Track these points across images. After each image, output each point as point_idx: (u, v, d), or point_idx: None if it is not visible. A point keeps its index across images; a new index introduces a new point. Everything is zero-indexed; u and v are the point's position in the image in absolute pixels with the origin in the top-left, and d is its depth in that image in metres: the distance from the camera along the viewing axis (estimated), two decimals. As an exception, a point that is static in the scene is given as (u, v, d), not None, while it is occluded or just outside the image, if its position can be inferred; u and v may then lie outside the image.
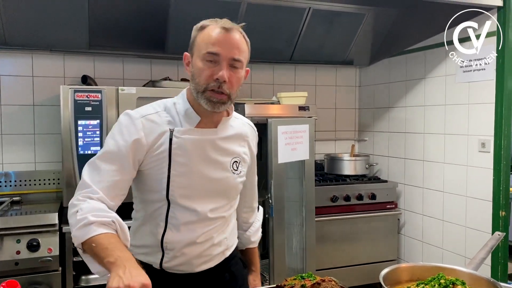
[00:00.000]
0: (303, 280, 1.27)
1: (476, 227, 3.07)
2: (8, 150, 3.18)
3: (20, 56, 3.18)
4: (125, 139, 1.25)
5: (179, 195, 1.29)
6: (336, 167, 3.85)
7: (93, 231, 1.09)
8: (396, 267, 1.36)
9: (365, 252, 3.59)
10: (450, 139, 3.28)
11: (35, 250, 2.53)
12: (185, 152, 1.29)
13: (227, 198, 1.41)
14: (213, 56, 1.22)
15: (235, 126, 1.43)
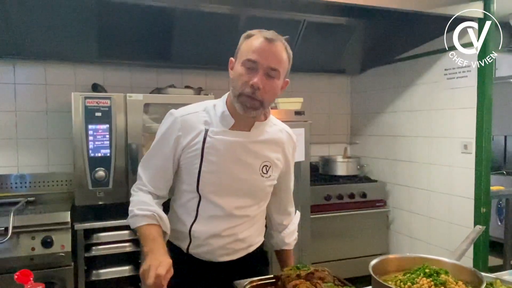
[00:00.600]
0: (299, 271, 1.29)
1: (459, 223, 3.09)
2: (23, 154, 3.19)
3: (33, 65, 3.20)
4: (168, 137, 1.35)
5: (208, 190, 1.34)
6: (329, 168, 3.87)
7: (138, 222, 1.31)
8: (384, 258, 1.36)
9: (357, 247, 3.61)
10: (435, 142, 3.30)
11: (49, 247, 2.54)
12: (216, 152, 1.32)
13: (254, 198, 1.43)
14: (251, 63, 1.23)
15: (270, 132, 1.42)
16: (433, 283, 1.18)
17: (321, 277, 1.25)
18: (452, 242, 3.16)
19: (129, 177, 2.72)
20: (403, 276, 1.27)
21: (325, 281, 1.25)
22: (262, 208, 1.49)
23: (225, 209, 1.36)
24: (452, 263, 1.31)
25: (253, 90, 1.23)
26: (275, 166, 1.43)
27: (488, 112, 2.89)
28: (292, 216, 1.70)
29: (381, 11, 2.69)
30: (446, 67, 3.16)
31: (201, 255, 1.40)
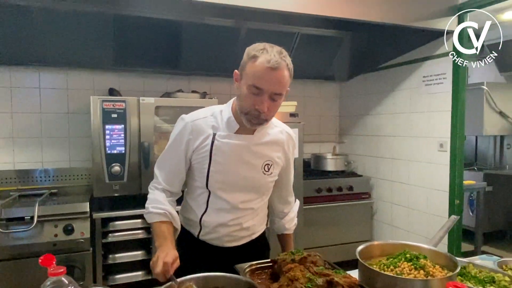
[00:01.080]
0: (293, 255, 1.28)
1: (435, 213, 3.09)
2: (47, 151, 3.18)
3: (56, 72, 3.19)
4: (180, 140, 1.36)
5: (217, 187, 1.37)
6: (320, 164, 3.86)
7: (152, 219, 1.34)
8: (369, 244, 1.37)
9: (344, 234, 3.61)
10: (414, 141, 3.30)
11: (70, 234, 2.53)
12: (223, 154, 1.33)
13: (257, 193, 1.45)
14: (257, 89, 1.20)
15: (271, 134, 1.41)
16: (413, 266, 1.18)
17: (313, 261, 1.24)
18: (429, 230, 3.17)
19: (142, 172, 2.72)
20: (386, 261, 1.27)
21: (316, 264, 1.24)
22: (264, 201, 1.51)
23: (231, 203, 1.39)
24: (430, 249, 1.31)
25: (258, 113, 1.23)
26: (276, 164, 1.43)
27: (462, 114, 2.89)
28: (292, 204, 1.71)
29: (367, 24, 2.68)
30: (424, 75, 3.15)
31: (210, 241, 1.44)
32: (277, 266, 1.26)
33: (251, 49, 1.25)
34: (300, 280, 1.06)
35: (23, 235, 2.47)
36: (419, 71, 3.21)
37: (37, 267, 2.44)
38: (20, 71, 3.08)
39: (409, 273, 1.15)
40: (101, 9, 2.69)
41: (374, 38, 3.33)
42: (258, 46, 1.24)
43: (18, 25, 2.67)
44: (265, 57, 1.18)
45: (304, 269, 1.13)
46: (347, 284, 1.11)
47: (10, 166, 3.09)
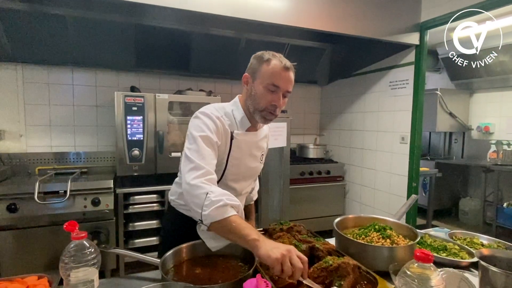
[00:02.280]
0: (281, 225, 1.24)
1: (396, 193, 3.08)
2: (79, 137, 3.10)
3: (87, 71, 3.09)
4: (212, 132, 1.13)
5: (230, 179, 1.24)
6: (304, 152, 3.82)
7: (229, 212, 0.97)
8: (344, 217, 1.34)
9: (322, 209, 3.59)
10: (380, 135, 3.27)
11: (97, 205, 2.48)
12: (239, 150, 1.22)
13: (253, 179, 1.40)
14: (275, 87, 1.14)
15: (264, 129, 1.37)
16: (381, 236, 1.15)
17: (298, 230, 1.21)
18: (390, 207, 3.16)
19: (157, 155, 2.66)
20: (358, 231, 1.23)
21: (301, 233, 1.20)
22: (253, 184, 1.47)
23: (238, 191, 1.29)
24: (394, 221, 1.28)
25: (274, 108, 1.16)
26: (265, 152, 1.41)
27: (420, 113, 2.86)
28: (256, 181, 1.61)
29: (345, 37, 2.62)
30: (390, 80, 3.11)
31: None
32: (267, 234, 1.22)
33: (260, 55, 1.19)
34: None
35: (58, 206, 2.41)
36: (386, 77, 3.17)
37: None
38: (56, 70, 2.98)
39: (377, 241, 1.12)
40: (125, 19, 2.60)
41: (350, 50, 3.28)
42: (266, 53, 1.18)
43: (54, 31, 2.58)
44: (279, 59, 1.15)
45: (291, 237, 1.09)
46: (325, 249, 1.07)
47: (48, 149, 3.01)
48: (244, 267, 1.03)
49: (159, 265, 0.94)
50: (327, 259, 0.97)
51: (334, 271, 0.93)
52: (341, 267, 0.93)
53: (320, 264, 0.97)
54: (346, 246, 1.14)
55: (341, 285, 0.90)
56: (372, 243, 1.12)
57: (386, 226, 1.18)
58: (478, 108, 4.52)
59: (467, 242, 1.40)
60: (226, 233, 0.97)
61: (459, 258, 1.20)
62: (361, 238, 1.16)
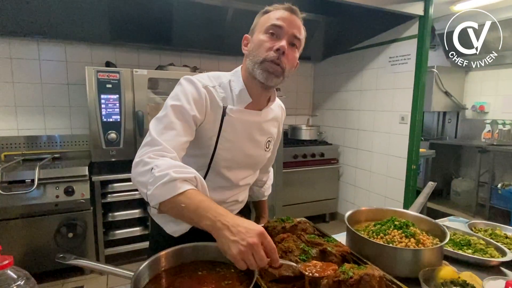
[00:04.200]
0: (283, 223, 1.04)
1: (394, 176, 2.94)
2: (49, 119, 2.79)
3: (55, 44, 2.74)
4: (190, 103, 0.90)
5: (221, 166, 1.01)
6: (296, 134, 3.62)
7: (178, 188, 0.74)
8: (356, 210, 1.14)
9: (315, 193, 3.43)
10: (378, 114, 3.09)
11: (71, 195, 2.24)
12: (233, 130, 0.98)
13: (254, 169, 1.14)
14: (276, 28, 0.89)
15: (274, 109, 1.10)
16: (404, 234, 0.95)
17: (303, 228, 1.01)
18: (387, 190, 3.03)
19: (137, 138, 2.40)
20: (374, 227, 1.04)
21: (307, 232, 1.01)
22: (257, 175, 1.21)
23: (233, 181, 1.06)
24: (416, 215, 1.10)
25: (278, 55, 0.90)
26: (273, 139, 1.14)
27: (422, 91, 2.68)
28: (270, 173, 1.41)
29: (341, 8, 2.37)
30: (390, 55, 2.89)
31: None
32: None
33: (262, 10, 0.98)
34: (295, 252, 0.82)
35: (27, 196, 2.15)
36: (386, 52, 2.95)
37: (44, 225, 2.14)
38: (19, 42, 2.62)
39: (400, 241, 0.93)
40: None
41: (347, 22, 3.02)
42: (269, 7, 0.97)
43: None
44: (279, 5, 0.94)
45: (297, 239, 0.89)
46: (339, 253, 0.88)
47: (14, 132, 2.69)
48: (244, 277, 0.83)
49: (131, 285, 0.72)
50: (345, 269, 0.77)
51: (355, 285, 0.73)
52: (364, 280, 0.74)
53: (336, 274, 0.77)
54: (360, 246, 0.95)
55: (364, 303, 0.71)
56: (393, 244, 0.93)
57: (408, 222, 0.99)
58: (474, 87, 4.39)
59: (488, 234, 1.24)
60: (179, 216, 0.76)
61: (488, 256, 1.03)
62: (379, 237, 0.97)
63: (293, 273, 0.77)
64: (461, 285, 0.80)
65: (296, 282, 0.77)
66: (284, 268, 0.79)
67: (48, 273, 2.32)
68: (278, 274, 0.78)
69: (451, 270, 0.85)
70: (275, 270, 0.79)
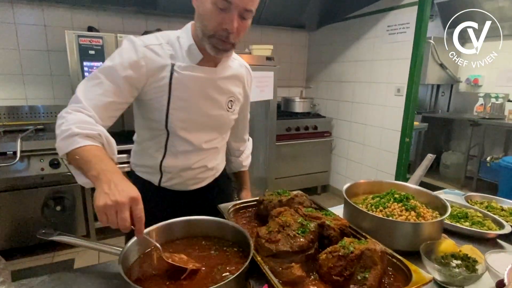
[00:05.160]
0: (280, 196, 1.00)
1: (387, 149, 2.93)
2: (30, 88, 2.64)
3: (31, 7, 2.53)
4: (124, 63, 0.86)
5: (178, 127, 0.96)
6: (290, 106, 3.54)
7: (77, 143, 0.75)
8: (354, 183, 1.10)
9: (308, 166, 3.43)
10: (373, 86, 3.02)
11: (56, 167, 2.16)
12: (185, 88, 0.93)
13: (220, 132, 1.08)
14: (225, 3, 0.81)
15: (233, 67, 1.04)
16: (404, 207, 0.92)
17: (300, 202, 0.97)
18: (379, 163, 3.03)
19: (124, 110, 2.29)
20: (372, 200, 1.00)
21: (304, 205, 0.97)
22: (226, 139, 1.15)
23: (195, 144, 1.01)
24: (416, 188, 1.06)
25: (226, 34, 0.85)
26: (238, 100, 1.08)
27: (420, 62, 2.60)
28: (247, 142, 1.35)
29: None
30: (389, 24, 2.78)
31: (173, 186, 1.05)
32: (263, 207, 0.98)
33: None
34: (292, 227, 0.78)
35: (10, 169, 2.06)
36: (384, 20, 2.83)
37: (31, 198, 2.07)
38: (-9, 4, 2.41)
39: (400, 215, 0.91)
40: None
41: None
42: None
43: None
44: None
45: (295, 213, 0.85)
46: (337, 227, 0.84)
47: (-8, 102, 2.54)
48: (240, 254, 0.80)
49: (119, 261, 0.67)
50: (345, 243, 0.74)
51: (356, 260, 0.70)
52: (365, 255, 0.70)
53: (336, 248, 0.74)
54: (359, 220, 0.92)
55: (365, 278, 0.68)
56: (393, 217, 0.90)
57: (408, 194, 0.96)
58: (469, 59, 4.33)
59: (484, 206, 1.23)
60: (78, 168, 0.77)
61: (486, 228, 1.02)
62: (378, 210, 0.94)
63: (291, 248, 0.74)
64: (462, 258, 0.78)
65: (295, 257, 0.73)
66: (281, 243, 0.75)
67: (39, 246, 2.28)
68: (276, 250, 0.74)
69: (451, 244, 0.83)
70: (272, 245, 0.75)
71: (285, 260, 0.74)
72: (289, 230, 0.77)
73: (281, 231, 0.78)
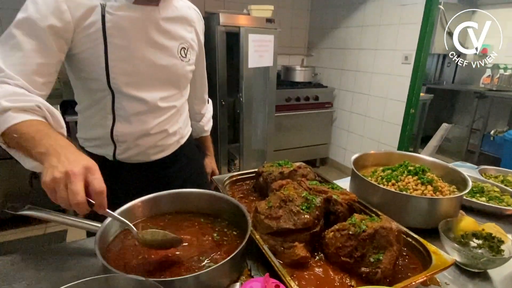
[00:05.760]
0: (281, 167, 0.90)
1: (390, 121, 2.82)
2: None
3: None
4: (41, 11, 0.69)
5: (123, 83, 0.80)
6: (290, 75, 3.37)
7: (12, 118, 0.62)
8: (363, 153, 1.01)
9: (307, 138, 3.33)
10: (379, 54, 2.85)
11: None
12: (123, 33, 0.77)
13: (177, 87, 0.91)
14: None
15: (179, 8, 0.88)
16: (419, 181, 0.83)
17: (304, 174, 0.87)
18: (381, 136, 2.94)
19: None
20: (383, 173, 0.91)
21: (308, 178, 0.87)
22: (185, 97, 0.99)
23: (149, 102, 0.85)
24: (431, 160, 0.97)
25: None
26: (192, 48, 0.93)
27: (431, 27, 2.43)
28: (207, 103, 1.20)
29: None
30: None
31: (131, 158, 0.89)
32: (262, 180, 0.88)
33: None
34: (296, 202, 0.68)
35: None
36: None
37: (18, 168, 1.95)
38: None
39: (415, 189, 0.81)
40: None
41: None
42: None
43: None
44: None
45: (298, 186, 0.76)
46: (345, 202, 0.75)
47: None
48: (236, 232, 0.71)
49: (95, 241, 0.58)
50: (356, 220, 0.65)
51: (369, 240, 0.62)
52: (379, 234, 0.62)
53: (345, 226, 0.65)
54: (368, 194, 0.83)
55: (379, 261, 0.60)
56: (407, 191, 0.81)
57: (424, 167, 0.86)
58: (479, 27, 4.11)
59: (500, 181, 1.14)
60: (21, 150, 0.64)
61: (504, 204, 0.94)
62: (390, 184, 0.85)
63: (294, 225, 0.65)
64: (485, 238, 0.70)
65: (298, 236, 0.65)
66: (283, 219, 0.66)
67: (28, 217, 2.21)
68: (277, 227, 0.65)
69: (472, 221, 0.75)
70: (273, 221, 0.66)
71: (287, 239, 0.65)
72: (292, 205, 0.68)
73: (283, 207, 0.68)
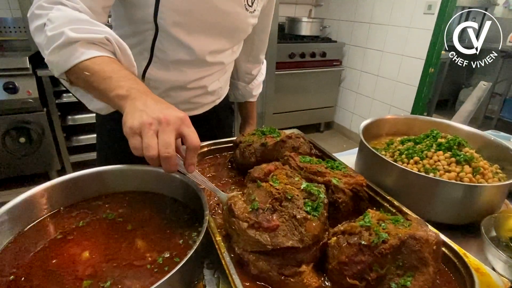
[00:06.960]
0: (264, 137, 0.66)
1: (405, 82, 2.53)
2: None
3: None
4: None
5: (171, 21, 0.64)
6: (295, 28, 3.01)
7: (81, 54, 0.49)
8: (376, 119, 0.77)
9: (311, 100, 3.05)
10: (397, 2, 2.47)
11: (14, 92, 1.83)
12: None
13: (231, 40, 0.75)
14: None
15: None
16: (454, 159, 0.60)
17: (295, 146, 0.65)
18: (394, 99, 2.66)
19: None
20: (402, 145, 0.68)
21: (299, 150, 0.65)
22: (236, 53, 0.81)
23: (196, 52, 0.69)
24: (467, 130, 0.73)
25: None
26: None
27: (463, -32, 2.03)
28: (261, 65, 1.01)
29: None
30: None
31: None
32: (239, 154, 0.66)
33: None
34: (297, 201, 0.45)
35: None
36: None
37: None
38: None
39: (447, 170, 0.59)
40: None
41: None
42: None
43: None
44: None
45: (292, 172, 0.52)
46: (349, 187, 0.54)
47: None
48: (191, 226, 0.51)
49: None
50: (371, 222, 0.43)
51: (391, 256, 0.40)
52: (407, 247, 0.40)
53: (354, 229, 0.44)
54: (380, 175, 0.61)
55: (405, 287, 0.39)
56: (436, 173, 0.58)
57: (461, 139, 0.62)
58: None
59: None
60: (90, 90, 0.52)
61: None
62: (412, 161, 0.62)
63: (301, 241, 0.42)
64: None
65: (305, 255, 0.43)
66: (283, 232, 0.42)
67: (7, 180, 2.08)
68: (273, 244, 0.42)
69: (526, 218, 0.53)
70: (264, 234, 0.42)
71: (289, 261, 0.43)
72: (293, 207, 0.45)
73: (277, 209, 0.45)
